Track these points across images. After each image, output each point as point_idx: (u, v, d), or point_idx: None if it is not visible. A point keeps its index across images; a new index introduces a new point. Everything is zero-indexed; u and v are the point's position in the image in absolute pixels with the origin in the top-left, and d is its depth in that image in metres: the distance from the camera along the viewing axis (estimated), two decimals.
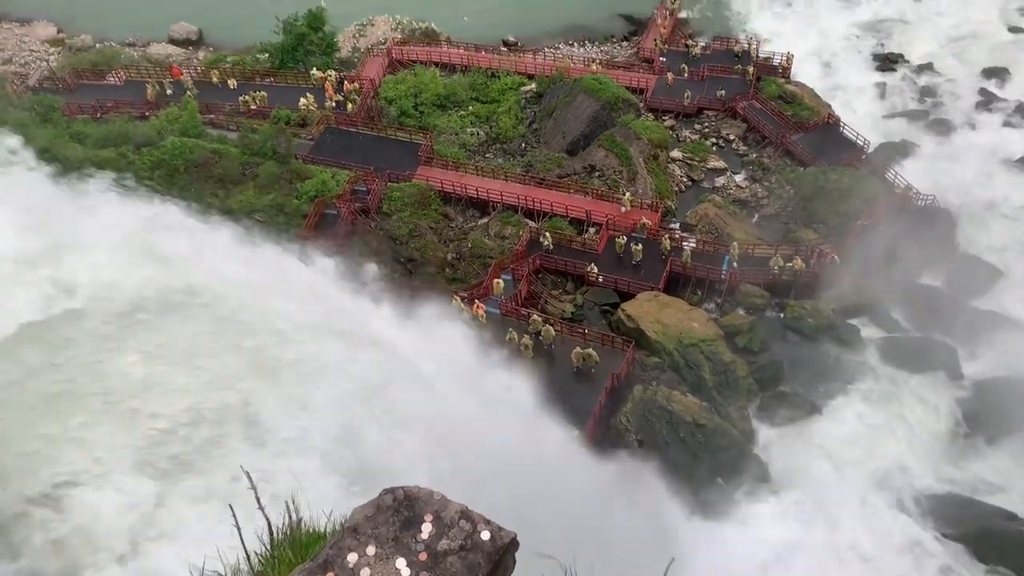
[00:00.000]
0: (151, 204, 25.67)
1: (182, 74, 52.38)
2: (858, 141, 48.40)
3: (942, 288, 40.65)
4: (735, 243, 40.73)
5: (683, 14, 63.56)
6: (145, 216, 22.83)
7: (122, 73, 53.38)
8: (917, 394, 35.38)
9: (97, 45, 60.47)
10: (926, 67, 58.45)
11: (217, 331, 17.66)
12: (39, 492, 13.55)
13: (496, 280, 37.86)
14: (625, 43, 62.34)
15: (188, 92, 49.60)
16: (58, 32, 62.12)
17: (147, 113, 47.81)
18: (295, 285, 24.79)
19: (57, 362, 15.66)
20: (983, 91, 55.87)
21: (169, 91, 50.40)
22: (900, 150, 49.73)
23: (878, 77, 58.27)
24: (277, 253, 26.85)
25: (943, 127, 52.90)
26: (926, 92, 56.40)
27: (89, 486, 13.78)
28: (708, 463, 31.67)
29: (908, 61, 59.31)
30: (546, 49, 59.39)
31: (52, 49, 60.29)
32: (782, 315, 38.94)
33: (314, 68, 52.37)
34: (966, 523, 30.54)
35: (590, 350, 34.38)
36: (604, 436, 32.29)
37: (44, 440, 14.35)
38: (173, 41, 61.80)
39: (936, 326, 38.16)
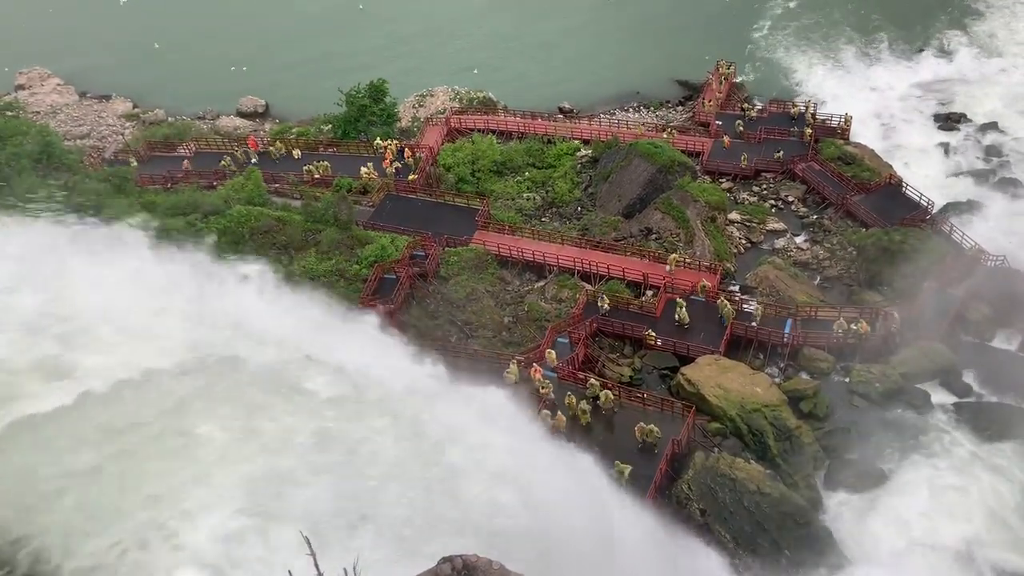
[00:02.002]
0: None
1: (258, 145, 54.28)
2: (922, 201, 47.36)
3: (1017, 352, 39.10)
4: (757, 304, 39.94)
5: (738, 78, 63.78)
6: None
7: (192, 145, 55.62)
8: (993, 464, 33.68)
9: (170, 119, 63.15)
10: (990, 126, 57.31)
11: None
12: None
13: (549, 350, 37.65)
14: (680, 108, 62.67)
15: (223, 162, 51.76)
16: (133, 107, 65.14)
17: (214, 183, 49.53)
18: None
19: None
20: None
21: (254, 160, 52.55)
22: (967, 210, 48.50)
23: (941, 137, 57.21)
24: None
25: (1011, 186, 51.48)
26: (992, 151, 55.17)
27: None
28: (773, 534, 30.53)
29: (971, 120, 58.17)
30: (601, 115, 60.04)
31: (127, 123, 63.16)
32: (848, 379, 37.82)
33: (377, 138, 53.78)
34: None
35: (652, 426, 33.54)
36: (665, 505, 31.45)
37: None
38: (241, 114, 64.23)
39: (1012, 391, 36.61)
